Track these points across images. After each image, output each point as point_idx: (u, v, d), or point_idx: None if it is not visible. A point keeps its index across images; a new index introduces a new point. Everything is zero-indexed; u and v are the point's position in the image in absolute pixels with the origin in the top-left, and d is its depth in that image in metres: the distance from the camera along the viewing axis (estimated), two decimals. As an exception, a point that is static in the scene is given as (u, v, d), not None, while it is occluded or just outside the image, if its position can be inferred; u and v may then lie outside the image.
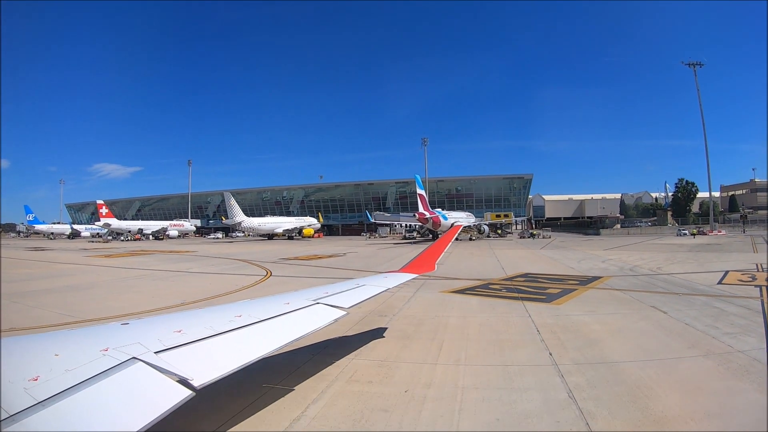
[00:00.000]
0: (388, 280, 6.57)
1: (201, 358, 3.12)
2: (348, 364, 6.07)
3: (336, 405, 4.69)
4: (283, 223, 65.89)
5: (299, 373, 5.66)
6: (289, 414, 4.48)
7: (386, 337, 7.61)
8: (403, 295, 11.82)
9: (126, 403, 2.47)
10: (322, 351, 6.65)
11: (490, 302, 11.20)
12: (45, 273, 21.02)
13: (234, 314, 4.05)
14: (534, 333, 7.82)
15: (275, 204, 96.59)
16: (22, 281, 16.99)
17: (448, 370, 5.91)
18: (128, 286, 15.53)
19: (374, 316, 9.31)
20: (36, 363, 2.59)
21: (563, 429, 4.11)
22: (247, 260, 26.24)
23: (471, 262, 23.46)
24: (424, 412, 4.54)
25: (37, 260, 30.06)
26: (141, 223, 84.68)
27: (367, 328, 8.21)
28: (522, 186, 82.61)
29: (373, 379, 5.48)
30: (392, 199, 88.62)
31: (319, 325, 4.34)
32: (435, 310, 10.00)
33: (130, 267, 23.25)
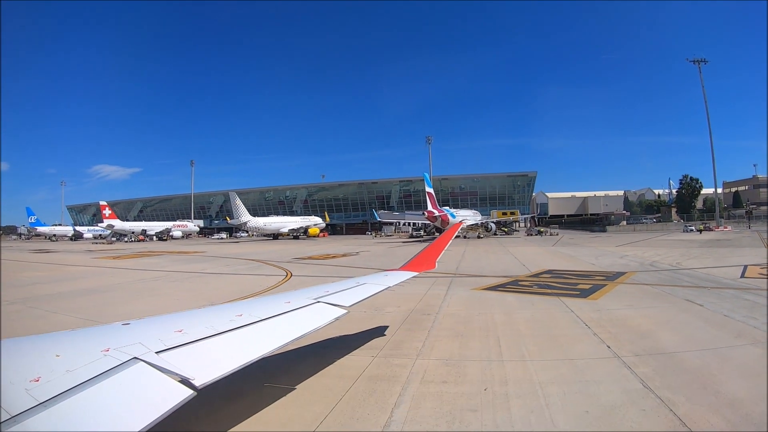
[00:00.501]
0: (389, 278, 6.54)
1: (202, 358, 3.12)
2: (414, 363, 5.98)
3: (422, 407, 4.57)
4: (289, 223, 65.82)
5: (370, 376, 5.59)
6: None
7: (440, 336, 7.51)
8: (437, 293, 11.82)
9: (127, 403, 2.47)
10: (381, 352, 6.59)
11: (527, 299, 11.15)
12: (56, 276, 20.52)
13: (235, 313, 4.04)
14: (583, 327, 7.83)
15: (278, 204, 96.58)
16: (34, 284, 16.61)
17: (516, 366, 5.86)
18: (148, 289, 15.28)
19: (418, 314, 9.23)
20: (37, 364, 2.59)
21: (652, 417, 4.19)
22: (261, 260, 26.09)
23: (489, 259, 23.44)
24: (513, 409, 4.47)
25: (44, 262, 29.63)
26: (144, 224, 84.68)
27: (415, 327, 8.15)
28: (526, 184, 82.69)
29: (447, 379, 5.39)
30: (396, 198, 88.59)
31: (320, 323, 4.31)
32: (476, 308, 9.93)
33: (143, 269, 22.94)
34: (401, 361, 6.05)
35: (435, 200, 50.53)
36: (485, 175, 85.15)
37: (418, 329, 7.95)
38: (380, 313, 9.39)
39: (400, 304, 10.31)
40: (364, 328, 8.08)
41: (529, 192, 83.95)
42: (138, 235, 78.09)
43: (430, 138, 72.84)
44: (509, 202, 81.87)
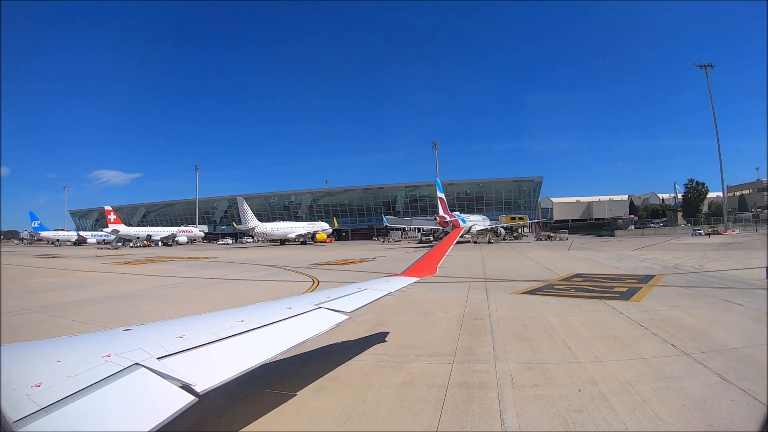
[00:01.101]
0: (390, 283, 6.53)
1: (203, 364, 3.12)
2: (496, 369, 5.98)
3: (528, 410, 4.58)
4: (296, 228, 65.72)
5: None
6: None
7: (506, 340, 7.54)
8: (478, 297, 11.91)
9: (129, 409, 2.47)
10: (456, 359, 6.67)
11: (570, 302, 11.20)
12: (72, 282, 20.09)
13: (236, 319, 4.04)
14: (639, 328, 8.00)
15: (284, 209, 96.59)
16: (49, 291, 16.16)
17: (597, 367, 5.92)
18: (174, 296, 14.79)
19: (470, 319, 9.23)
20: (38, 369, 2.59)
21: (742, 406, 4.43)
22: (278, 266, 25.89)
23: (511, 263, 23.45)
24: (616, 407, 4.54)
25: (54, 268, 29.21)
26: (149, 230, 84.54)
27: (476, 332, 8.21)
28: (531, 189, 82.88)
29: (537, 383, 5.42)
30: (402, 203, 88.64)
31: (322, 329, 4.32)
32: (525, 312, 9.94)
33: (160, 275, 22.46)
34: (482, 367, 6.05)
35: (446, 205, 50.56)
36: (491, 180, 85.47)
37: (480, 334, 7.96)
38: (431, 319, 9.40)
39: (447, 309, 10.34)
40: (424, 334, 8.10)
41: (535, 197, 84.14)
42: (143, 241, 77.88)
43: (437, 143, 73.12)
44: (515, 207, 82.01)
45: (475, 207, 78.88)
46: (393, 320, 9.34)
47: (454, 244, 9.35)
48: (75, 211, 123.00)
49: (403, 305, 11.12)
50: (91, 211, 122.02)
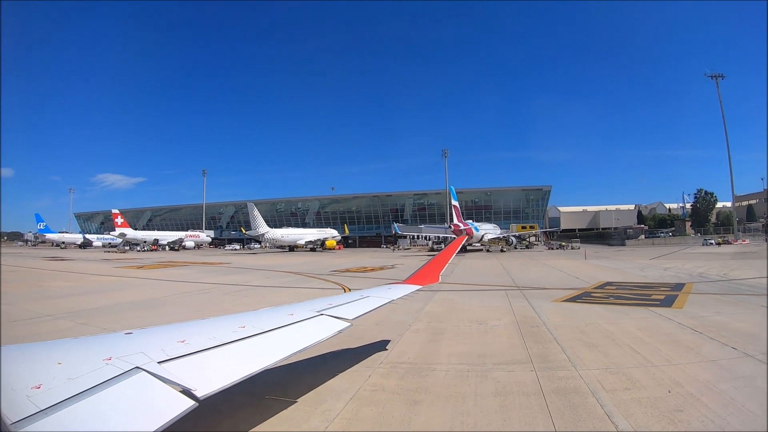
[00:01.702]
0: (392, 291, 6.58)
1: (204, 369, 3.13)
2: (579, 374, 6.10)
3: (632, 413, 4.74)
4: (306, 235, 65.70)
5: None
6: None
7: (573, 347, 7.66)
8: (522, 305, 12.09)
9: (128, 412, 2.47)
10: (536, 366, 6.94)
11: (615, 309, 11.38)
12: (89, 286, 19.33)
13: (238, 325, 4.05)
14: (694, 332, 8.35)
15: (291, 215, 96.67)
16: (69, 296, 15.59)
17: (673, 369, 6.13)
18: (204, 303, 14.25)
19: (526, 327, 9.33)
20: (38, 371, 2.61)
21: None
22: (298, 272, 25.70)
23: (535, 272, 23.56)
24: (710, 405, 4.76)
25: (67, 271, 28.72)
26: (157, 234, 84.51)
27: (539, 339, 8.36)
28: (540, 197, 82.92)
29: (626, 386, 5.57)
30: (410, 211, 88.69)
31: (324, 336, 4.32)
32: (576, 319, 10.09)
33: (180, 280, 22.09)
34: (565, 374, 6.15)
35: (460, 213, 50.59)
36: (499, 188, 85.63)
37: (544, 341, 8.07)
38: (488, 327, 9.49)
39: (498, 317, 10.47)
40: (489, 342, 8.17)
41: (544, 206, 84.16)
42: (150, 245, 77.83)
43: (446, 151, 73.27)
44: (523, 216, 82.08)
45: (484, 215, 78.83)
46: (450, 328, 9.41)
47: (456, 253, 9.42)
48: (80, 213, 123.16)
49: (452, 313, 11.24)
50: (96, 214, 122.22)
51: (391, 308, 11.50)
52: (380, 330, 9.01)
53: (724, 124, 57.35)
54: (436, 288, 16.74)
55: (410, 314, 11.02)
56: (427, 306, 12.21)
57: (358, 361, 6.80)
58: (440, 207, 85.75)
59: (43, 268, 31.62)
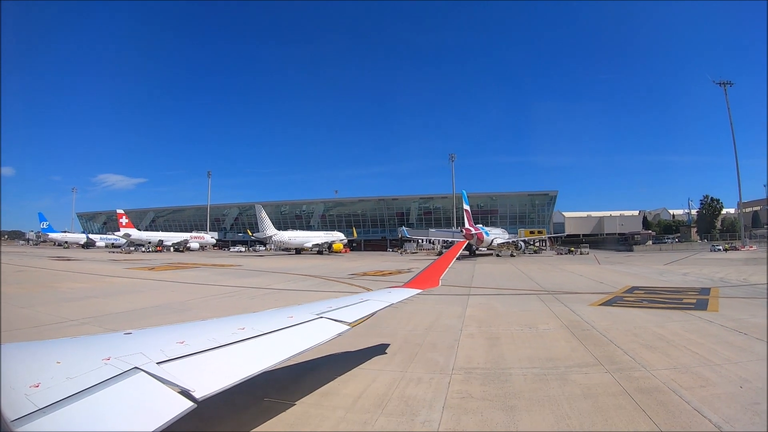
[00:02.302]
0: (392, 295, 6.61)
1: (203, 370, 3.13)
2: (654, 374, 6.31)
3: (719, 409, 4.97)
4: (312, 238, 65.50)
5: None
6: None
7: (634, 348, 7.88)
8: (562, 309, 12.24)
9: (127, 412, 2.47)
10: (609, 368, 7.23)
11: (654, 313, 11.64)
12: (107, 289, 18.57)
13: (237, 326, 4.06)
14: (740, 334, 8.78)
15: (296, 218, 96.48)
16: (90, 299, 14.80)
17: (736, 367, 6.51)
18: (232, 306, 13.75)
19: (578, 330, 9.53)
20: (37, 370, 2.62)
21: None
22: (316, 276, 25.48)
23: (557, 277, 23.62)
24: None
25: (77, 272, 27.80)
26: (161, 235, 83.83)
27: (596, 342, 8.57)
28: (546, 202, 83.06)
29: (700, 384, 5.85)
30: (415, 215, 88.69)
31: (323, 339, 4.34)
32: (620, 322, 10.34)
33: (198, 282, 21.44)
34: (639, 374, 6.37)
35: (471, 218, 50.66)
36: (505, 193, 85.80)
37: (602, 344, 8.27)
38: (540, 331, 9.64)
39: (545, 321, 10.66)
40: (548, 346, 8.26)
41: (550, 211, 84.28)
42: (155, 246, 77.48)
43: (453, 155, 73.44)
44: (528, 220, 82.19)
45: (489, 220, 78.79)
46: (503, 333, 9.46)
47: (456, 258, 9.69)
48: (82, 213, 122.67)
49: (496, 318, 11.44)
50: (98, 214, 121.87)
51: (437, 313, 11.91)
52: (433, 335, 9.14)
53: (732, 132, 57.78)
54: (466, 292, 16.86)
55: (454, 318, 11.21)
56: (466, 310, 12.38)
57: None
58: (446, 211, 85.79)
59: (51, 268, 31.00)
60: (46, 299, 14.61)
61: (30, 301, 13.90)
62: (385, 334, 9.26)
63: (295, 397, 5.39)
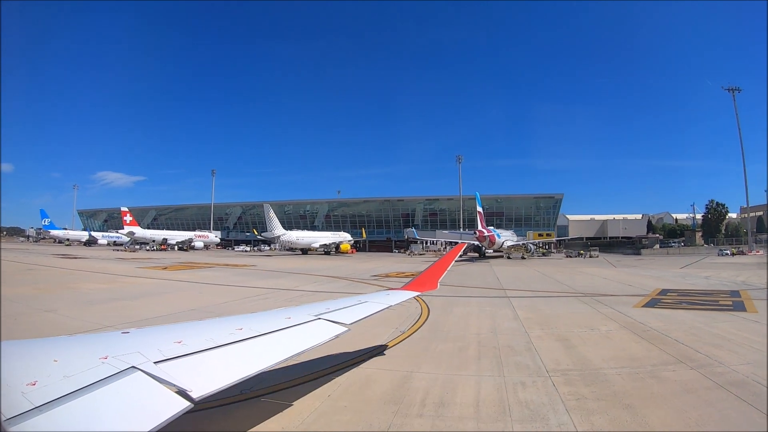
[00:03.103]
0: (390, 297, 6.65)
1: (200, 370, 3.13)
2: (739, 370, 6.71)
3: None
4: (320, 238, 65.46)
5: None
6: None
7: (701, 347, 8.27)
8: (609, 312, 12.60)
9: (123, 412, 2.47)
10: (694, 365, 7.69)
11: (699, 314, 12.10)
12: (130, 290, 17.62)
13: (235, 327, 4.04)
14: None
15: (300, 218, 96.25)
16: (115, 302, 13.94)
17: None
18: (275, 308, 13.93)
19: (638, 331, 9.91)
20: (34, 368, 2.61)
21: None
22: (338, 276, 25.33)
23: (580, 280, 23.85)
24: None
25: (89, 271, 26.72)
26: (165, 233, 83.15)
27: (664, 343, 8.83)
28: (552, 205, 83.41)
29: None
30: (420, 216, 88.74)
31: (320, 340, 4.31)
32: (675, 323, 10.78)
33: (222, 283, 20.71)
34: (722, 369, 6.81)
35: (484, 220, 50.82)
36: (510, 195, 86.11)
37: (669, 343, 8.69)
38: (602, 332, 10.00)
39: (602, 322, 11.03)
40: (620, 346, 8.53)
41: (555, 214, 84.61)
42: (159, 244, 77.12)
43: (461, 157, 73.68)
44: (534, 223, 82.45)
45: (495, 222, 79.00)
46: (568, 334, 9.69)
47: (460, 261, 9.72)
48: (83, 210, 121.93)
49: (550, 319, 11.68)
50: (99, 212, 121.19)
51: (490, 315, 12.23)
52: (504, 338, 9.35)
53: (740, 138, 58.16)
54: (502, 294, 17.03)
55: (511, 320, 11.54)
56: (517, 312, 12.64)
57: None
58: (452, 213, 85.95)
59: (60, 266, 30.01)
60: (68, 302, 13.77)
61: (51, 303, 13.20)
62: (453, 337, 9.40)
63: (292, 398, 5.43)
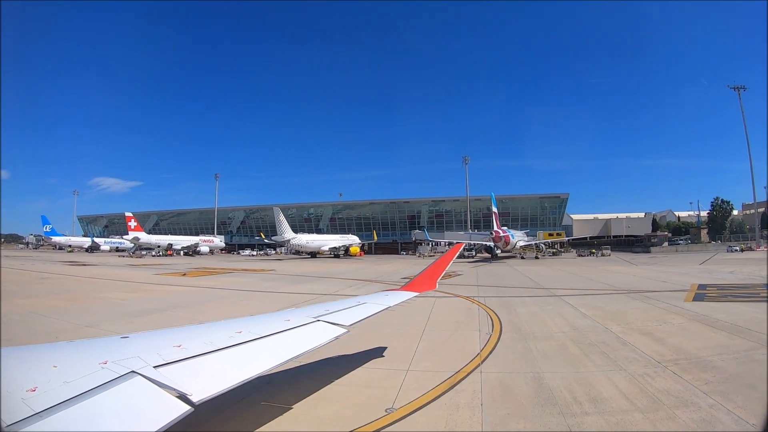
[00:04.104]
0: (389, 298, 6.65)
1: (200, 374, 3.13)
2: None
3: None
4: (329, 241, 65.40)
5: None
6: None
7: None
8: (663, 306, 12.95)
9: (124, 416, 2.48)
10: None
11: (754, 306, 12.67)
12: (164, 299, 16.42)
13: (234, 330, 4.07)
14: None
15: (304, 221, 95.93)
16: (157, 313, 13.19)
17: None
18: None
19: (708, 321, 10.36)
20: (34, 374, 2.61)
21: None
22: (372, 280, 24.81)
23: (614, 278, 23.90)
24: None
25: (108, 279, 25.42)
26: (171, 238, 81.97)
27: (751, 335, 8.93)
28: (557, 205, 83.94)
29: None
30: (426, 218, 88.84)
31: (320, 342, 4.34)
32: (737, 315, 11.02)
33: (255, 290, 19.93)
34: None
35: (499, 220, 51.06)
36: (515, 196, 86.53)
37: (746, 332, 9.10)
38: (674, 324, 10.31)
39: (668, 317, 11.27)
40: (705, 339, 8.77)
41: (561, 213, 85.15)
42: (166, 250, 76.41)
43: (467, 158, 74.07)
44: (540, 223, 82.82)
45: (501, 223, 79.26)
46: (645, 327, 10.06)
47: (453, 261, 9.75)
48: (82, 216, 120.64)
49: (620, 315, 11.76)
50: (99, 218, 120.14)
51: (557, 314, 12.43)
52: (591, 335, 9.43)
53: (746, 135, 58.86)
54: (550, 293, 17.13)
55: (582, 318, 11.64)
56: (581, 310, 12.75)
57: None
58: (457, 214, 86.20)
59: (74, 274, 28.59)
60: (105, 314, 12.72)
61: (88, 317, 12.13)
62: (542, 336, 9.48)
63: (293, 401, 5.38)
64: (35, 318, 11.78)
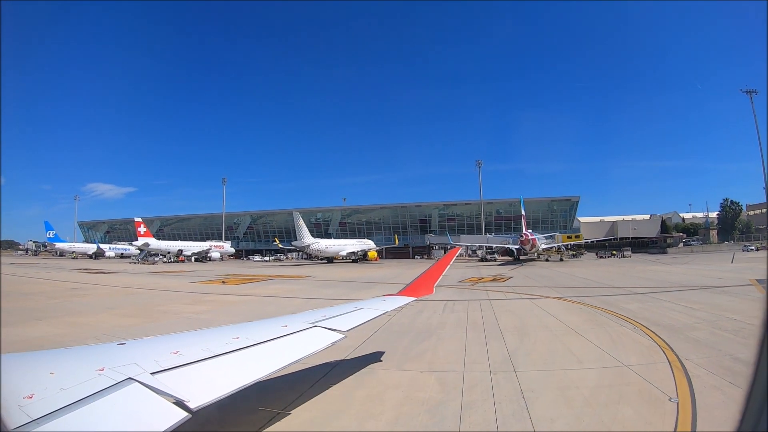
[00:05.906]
0: (386, 303, 6.69)
1: (197, 380, 3.14)
2: None
3: None
4: (347, 246, 65.37)
5: None
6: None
7: None
8: (757, 298, 13.67)
9: (121, 423, 2.48)
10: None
11: None
12: (238, 313, 15.07)
13: (231, 336, 4.07)
14: None
15: (314, 225, 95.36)
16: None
17: None
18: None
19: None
20: (31, 380, 2.63)
21: None
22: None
23: (665, 277, 24.46)
24: None
25: (143, 288, 24.04)
26: (181, 244, 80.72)
27: None
28: (568, 208, 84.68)
29: None
30: (437, 222, 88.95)
31: (317, 348, 4.35)
32: None
33: (319, 297, 19.24)
34: None
35: (527, 223, 51.48)
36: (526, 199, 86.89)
37: None
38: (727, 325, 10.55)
39: (740, 308, 11.96)
40: None
41: (572, 216, 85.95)
42: (177, 256, 75.29)
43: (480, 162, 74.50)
44: (550, 226, 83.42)
45: (512, 226, 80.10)
46: (727, 325, 10.30)
47: (451, 264, 9.86)
48: (83, 222, 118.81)
49: (720, 309, 12.18)
50: (99, 223, 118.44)
51: (677, 311, 12.49)
52: (724, 324, 10.04)
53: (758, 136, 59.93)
54: (630, 292, 17.27)
55: (694, 311, 12.15)
56: (681, 304, 13.32)
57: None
58: (469, 218, 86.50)
59: (103, 283, 26.85)
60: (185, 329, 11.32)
61: (173, 330, 10.05)
62: (666, 325, 10.04)
63: (290, 406, 5.37)
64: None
